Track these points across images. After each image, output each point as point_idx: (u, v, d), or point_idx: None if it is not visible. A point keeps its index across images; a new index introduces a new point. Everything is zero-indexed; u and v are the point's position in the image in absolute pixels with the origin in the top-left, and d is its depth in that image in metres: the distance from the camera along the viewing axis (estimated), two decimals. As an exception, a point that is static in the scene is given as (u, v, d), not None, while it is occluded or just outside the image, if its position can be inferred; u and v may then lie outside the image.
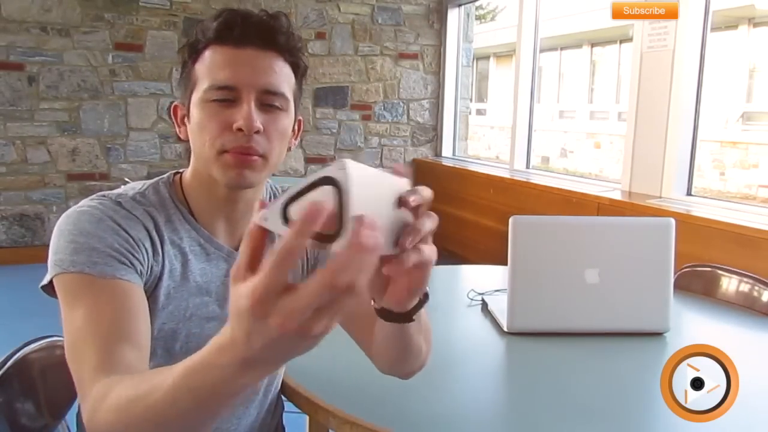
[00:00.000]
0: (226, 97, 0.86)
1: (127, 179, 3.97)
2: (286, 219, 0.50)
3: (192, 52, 0.90)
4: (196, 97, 0.88)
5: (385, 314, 0.74)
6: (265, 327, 0.49)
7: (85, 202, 0.87)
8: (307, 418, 1.12)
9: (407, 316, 0.74)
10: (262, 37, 0.87)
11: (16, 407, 1.02)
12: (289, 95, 0.90)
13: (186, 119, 0.92)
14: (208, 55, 0.89)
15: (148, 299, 0.86)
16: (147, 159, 4.65)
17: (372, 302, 0.73)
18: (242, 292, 0.49)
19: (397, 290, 0.68)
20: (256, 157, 0.87)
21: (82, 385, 0.75)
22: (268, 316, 0.48)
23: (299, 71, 0.93)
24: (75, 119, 4.48)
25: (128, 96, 4.58)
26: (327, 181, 0.48)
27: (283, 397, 1.13)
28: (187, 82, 0.91)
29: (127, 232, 0.84)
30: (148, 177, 0.99)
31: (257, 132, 0.85)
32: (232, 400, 0.59)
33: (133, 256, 0.84)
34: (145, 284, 0.86)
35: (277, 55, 0.89)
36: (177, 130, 0.95)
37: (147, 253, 0.86)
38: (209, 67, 0.88)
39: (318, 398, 1.02)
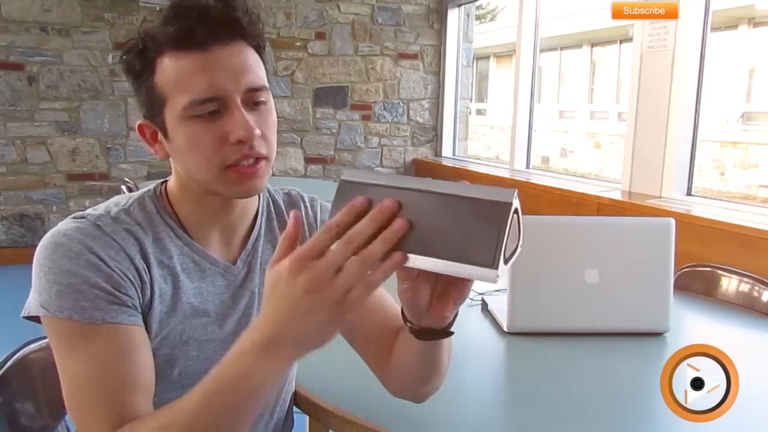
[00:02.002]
0: (211, 109, 0.78)
1: (127, 179, 3.97)
2: (505, 259, 0.58)
3: (145, 62, 0.80)
4: (172, 115, 0.79)
5: (425, 333, 0.75)
6: (294, 286, 0.58)
7: (62, 227, 0.79)
8: (307, 418, 1.12)
9: (446, 331, 0.76)
10: (226, 29, 0.78)
11: (15, 407, 1.02)
12: (267, 84, 0.83)
13: (161, 137, 0.84)
14: (169, 64, 0.78)
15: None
16: (147, 159, 4.64)
17: (407, 325, 0.76)
18: (283, 262, 0.60)
19: (442, 305, 0.70)
20: (261, 165, 0.81)
21: None
22: (300, 273, 0.58)
23: (262, 50, 0.84)
24: (75, 119, 4.48)
25: (128, 96, 4.57)
26: (516, 211, 0.58)
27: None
28: (151, 98, 0.81)
29: (109, 266, 0.77)
30: (148, 177, 0.97)
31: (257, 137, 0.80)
32: (258, 395, 0.65)
33: (121, 291, 0.77)
34: (141, 312, 0.81)
35: (244, 44, 0.81)
36: (151, 149, 0.86)
37: (134, 285, 0.79)
38: (179, 79, 0.78)
39: (318, 398, 1.02)
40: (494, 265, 0.55)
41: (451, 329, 0.75)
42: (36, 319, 0.78)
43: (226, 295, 0.89)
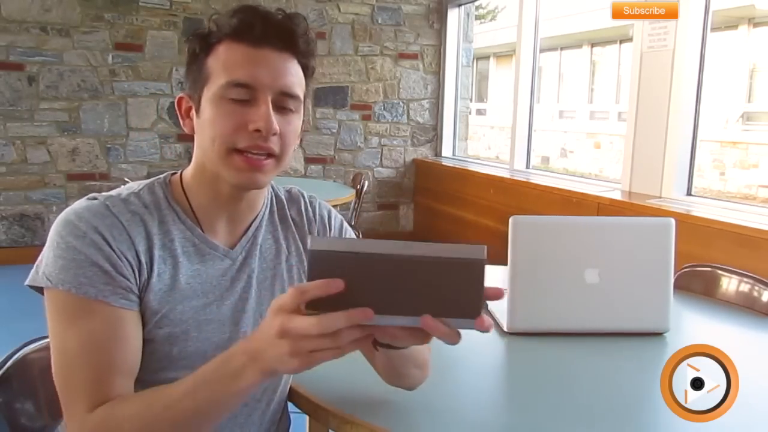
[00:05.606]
0: (243, 96, 0.85)
1: (127, 179, 3.97)
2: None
3: (204, 45, 0.88)
4: (209, 92, 0.87)
5: (379, 344, 0.79)
6: (272, 327, 0.65)
7: (76, 206, 0.86)
8: (307, 418, 1.12)
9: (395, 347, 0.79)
10: (282, 38, 0.87)
11: (15, 407, 1.02)
12: (302, 97, 0.91)
13: (194, 113, 0.90)
14: (223, 50, 0.87)
15: (140, 304, 0.85)
16: (147, 159, 4.65)
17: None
18: (284, 305, 0.65)
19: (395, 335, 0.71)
20: (268, 161, 0.87)
21: (72, 412, 0.79)
22: (279, 317, 0.65)
23: (308, 72, 0.93)
24: (75, 119, 4.48)
25: (128, 96, 4.58)
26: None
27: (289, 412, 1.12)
28: (198, 76, 0.88)
29: (110, 246, 0.82)
30: (148, 177, 0.98)
31: (274, 134, 0.86)
32: (237, 395, 0.73)
33: (117, 271, 0.82)
34: (138, 293, 0.86)
35: (292, 57, 0.89)
36: (182, 122, 0.93)
37: (131, 265, 0.84)
38: (225, 63, 0.86)
39: (318, 398, 1.02)
40: (479, 315, 0.62)
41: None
42: (38, 290, 0.84)
43: (224, 279, 0.93)
